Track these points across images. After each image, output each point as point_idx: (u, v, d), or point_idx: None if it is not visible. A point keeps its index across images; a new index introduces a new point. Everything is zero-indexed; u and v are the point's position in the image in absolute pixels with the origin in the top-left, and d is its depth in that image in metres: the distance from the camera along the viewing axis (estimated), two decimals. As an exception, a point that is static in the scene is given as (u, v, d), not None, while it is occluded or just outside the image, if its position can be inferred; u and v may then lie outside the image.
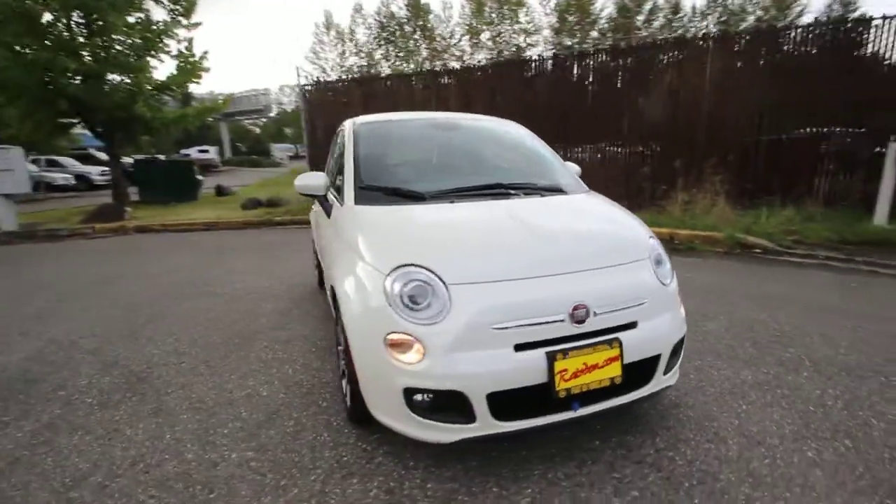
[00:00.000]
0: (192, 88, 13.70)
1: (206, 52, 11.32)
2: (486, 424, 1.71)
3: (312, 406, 2.41)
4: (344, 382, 2.32)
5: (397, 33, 29.59)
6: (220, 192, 14.29)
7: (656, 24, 29.69)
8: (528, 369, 1.70)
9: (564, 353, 1.72)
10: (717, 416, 2.21)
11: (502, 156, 2.93)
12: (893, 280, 4.32)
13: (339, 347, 2.27)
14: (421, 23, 29.04)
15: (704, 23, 29.61)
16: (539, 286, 1.77)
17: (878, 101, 6.04)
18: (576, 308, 1.75)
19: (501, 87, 8.49)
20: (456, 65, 25.13)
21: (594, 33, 30.19)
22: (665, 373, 1.99)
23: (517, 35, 28.67)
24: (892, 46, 6.08)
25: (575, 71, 8.11)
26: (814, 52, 6.66)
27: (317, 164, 9.79)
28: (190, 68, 11.22)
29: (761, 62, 6.93)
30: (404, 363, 1.71)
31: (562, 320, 1.74)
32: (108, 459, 2.04)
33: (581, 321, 1.76)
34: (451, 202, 2.30)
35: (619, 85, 7.81)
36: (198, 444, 2.12)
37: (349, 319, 1.92)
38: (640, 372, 1.89)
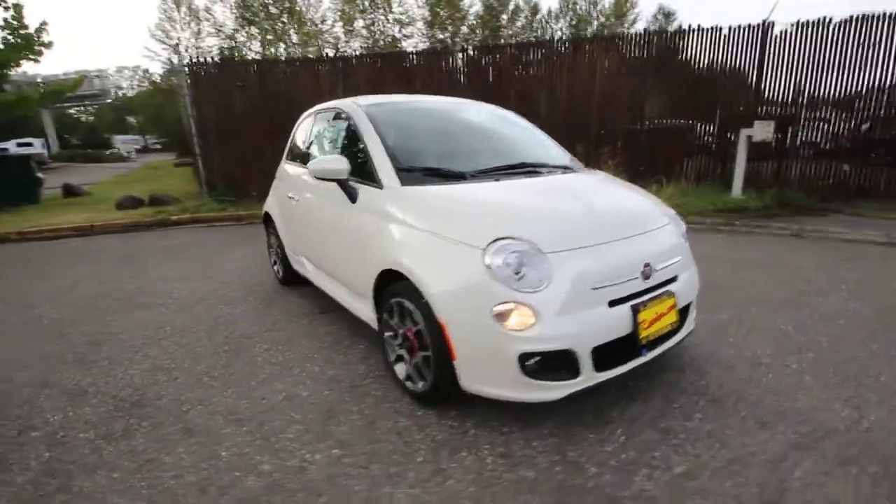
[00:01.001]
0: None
1: (44, 24, 9.31)
2: (589, 377, 1.89)
3: (367, 398, 2.33)
4: (401, 367, 2.30)
5: (261, 14, 27.40)
6: (70, 192, 11.93)
7: (519, 23, 32.12)
8: (620, 323, 1.92)
9: (644, 305, 1.98)
10: (718, 349, 2.68)
11: (511, 137, 3.08)
12: (771, 236, 5.52)
13: (401, 332, 2.23)
14: (288, 4, 27.25)
15: (558, 25, 32.91)
16: (617, 249, 2.00)
17: (708, 98, 7.61)
18: (645, 265, 2.01)
19: (421, 75, 8.54)
20: (331, 52, 24.27)
21: (464, 28, 31.47)
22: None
23: (392, 25, 28.58)
24: (702, 53, 7.59)
25: (484, 63, 8.52)
26: (646, 56, 7.99)
27: (210, 160, 8.83)
28: (22, 43, 9.13)
29: (624, 64, 8.11)
30: (516, 331, 1.80)
31: (636, 277, 1.99)
32: (164, 492, 1.76)
33: (648, 277, 2.03)
34: (496, 180, 2.40)
35: (528, 75, 8.42)
36: (268, 454, 1.94)
37: (441, 299, 1.93)
38: (681, 319, 2.24)
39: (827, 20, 6.92)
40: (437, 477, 1.77)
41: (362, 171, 2.53)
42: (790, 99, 7.27)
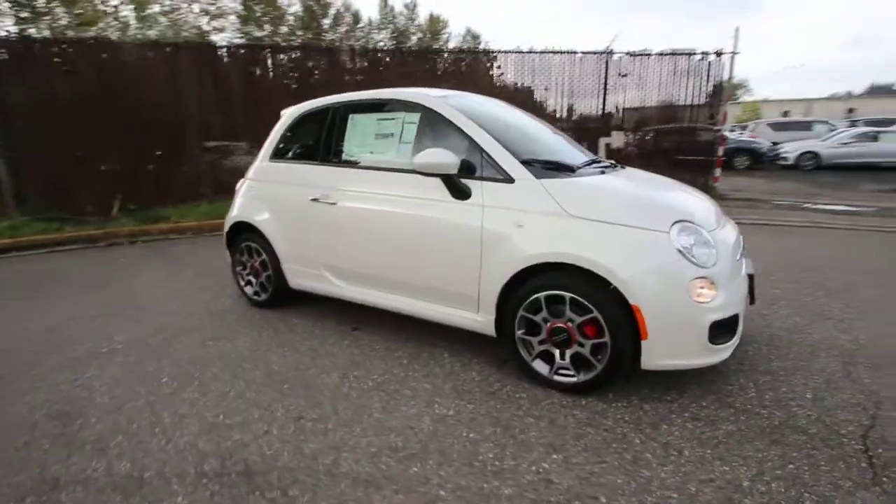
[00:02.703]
0: None
1: None
2: (738, 335, 2.20)
3: (520, 401, 2.23)
4: (540, 364, 2.28)
5: (8, -19, 21.25)
6: None
7: (341, 29, 31.84)
8: (744, 289, 2.29)
9: (751, 276, 2.39)
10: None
11: (551, 134, 3.14)
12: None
13: (548, 327, 2.20)
14: (50, -22, 21.74)
15: (381, 35, 33.74)
16: (723, 233, 2.34)
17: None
18: (740, 246, 2.43)
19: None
20: (114, 37, 20.21)
21: (284, 28, 29.80)
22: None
23: (200, 16, 25.31)
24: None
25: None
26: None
27: (17, 163, 6.60)
28: None
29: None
30: (706, 303, 2.00)
31: (738, 257, 2.38)
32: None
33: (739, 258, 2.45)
34: (602, 172, 2.54)
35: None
36: (498, 479, 1.73)
37: (634, 283, 1.99)
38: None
39: (646, 51, 8.90)
40: (671, 451, 1.86)
41: (466, 166, 2.38)
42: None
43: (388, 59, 9.10)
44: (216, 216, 6.09)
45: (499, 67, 9.20)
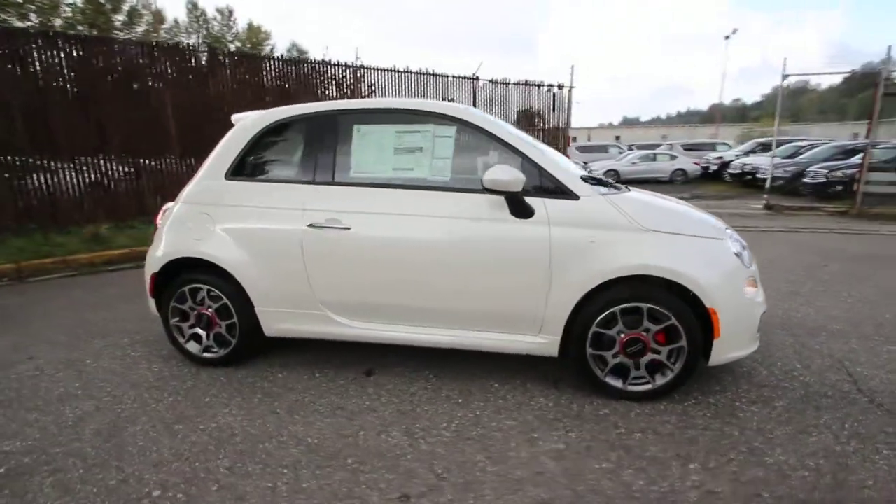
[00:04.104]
0: None
1: None
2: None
3: (598, 420, 2.18)
4: (613, 380, 2.30)
5: None
6: None
7: (139, 29, 27.29)
8: None
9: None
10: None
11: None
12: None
13: (622, 338, 2.22)
14: None
15: (192, 39, 29.88)
16: None
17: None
18: None
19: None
20: None
21: (59, 21, 24.31)
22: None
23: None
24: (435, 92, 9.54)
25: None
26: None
27: None
28: None
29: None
30: (754, 297, 2.28)
31: None
32: None
33: None
34: (629, 189, 2.66)
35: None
36: (670, 503, 1.65)
37: (710, 288, 2.13)
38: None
39: (506, 80, 9.84)
40: (766, 434, 2.04)
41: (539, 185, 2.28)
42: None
43: (224, 60, 7.77)
44: (38, 254, 4.61)
45: (371, 88, 9.03)
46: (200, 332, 2.70)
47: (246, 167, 2.64)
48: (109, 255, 5.15)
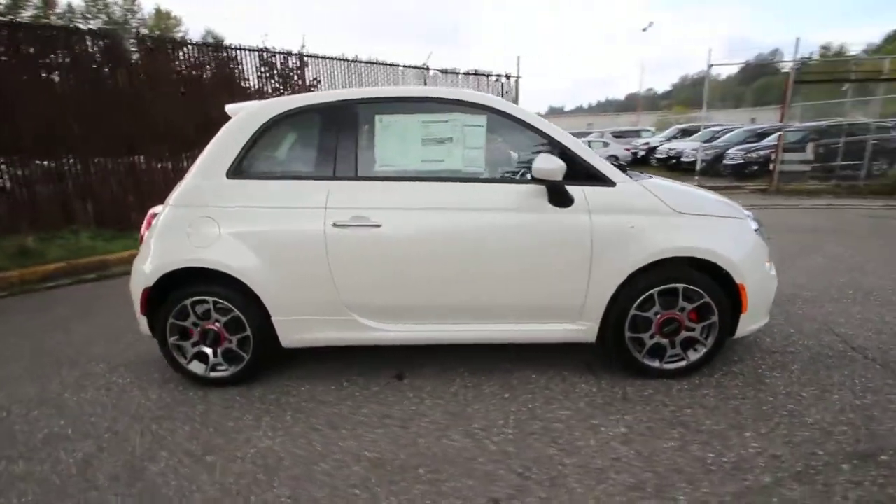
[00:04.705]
0: None
1: None
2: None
3: (644, 403, 2.24)
4: (652, 361, 2.37)
5: None
6: None
7: (25, 14, 24.06)
8: None
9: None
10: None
11: None
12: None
13: (659, 319, 2.29)
14: None
15: (91, 25, 26.76)
16: None
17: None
18: None
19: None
20: None
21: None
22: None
23: None
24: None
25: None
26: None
27: None
28: None
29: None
30: (769, 272, 2.44)
31: None
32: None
33: None
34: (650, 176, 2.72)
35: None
36: (747, 473, 1.72)
37: (740, 265, 2.25)
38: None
39: (455, 69, 9.80)
40: (797, 396, 2.20)
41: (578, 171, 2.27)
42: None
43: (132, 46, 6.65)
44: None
45: (316, 78, 8.57)
46: (206, 350, 2.43)
47: (251, 163, 2.39)
48: (45, 271, 4.50)
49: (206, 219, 2.32)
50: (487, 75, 10.20)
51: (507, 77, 10.44)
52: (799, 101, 10.66)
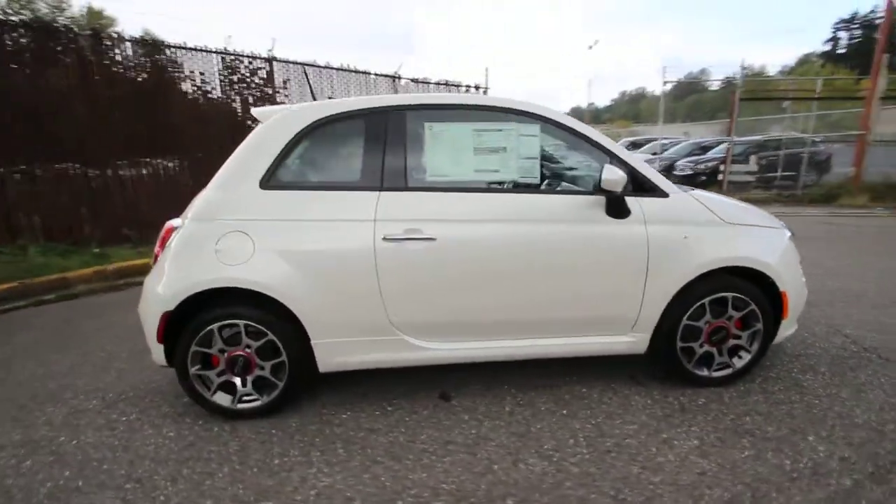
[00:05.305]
0: None
1: None
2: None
3: (702, 413, 2.25)
4: (701, 369, 2.40)
5: None
6: None
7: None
8: None
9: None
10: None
11: None
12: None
13: (708, 328, 2.32)
14: None
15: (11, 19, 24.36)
16: None
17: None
18: None
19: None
20: None
21: None
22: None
23: None
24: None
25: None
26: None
27: None
28: None
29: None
30: (802, 279, 2.54)
31: None
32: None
33: None
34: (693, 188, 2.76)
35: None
36: (830, 479, 1.74)
37: (783, 272, 2.33)
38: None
39: (427, 79, 9.75)
40: (832, 391, 2.28)
41: (638, 181, 2.27)
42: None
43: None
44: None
45: (285, 84, 8.22)
46: (234, 379, 2.18)
47: (287, 172, 2.18)
48: (-6, 293, 3.94)
49: (237, 233, 2.09)
50: (458, 85, 10.21)
51: (477, 88, 10.51)
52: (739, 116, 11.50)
